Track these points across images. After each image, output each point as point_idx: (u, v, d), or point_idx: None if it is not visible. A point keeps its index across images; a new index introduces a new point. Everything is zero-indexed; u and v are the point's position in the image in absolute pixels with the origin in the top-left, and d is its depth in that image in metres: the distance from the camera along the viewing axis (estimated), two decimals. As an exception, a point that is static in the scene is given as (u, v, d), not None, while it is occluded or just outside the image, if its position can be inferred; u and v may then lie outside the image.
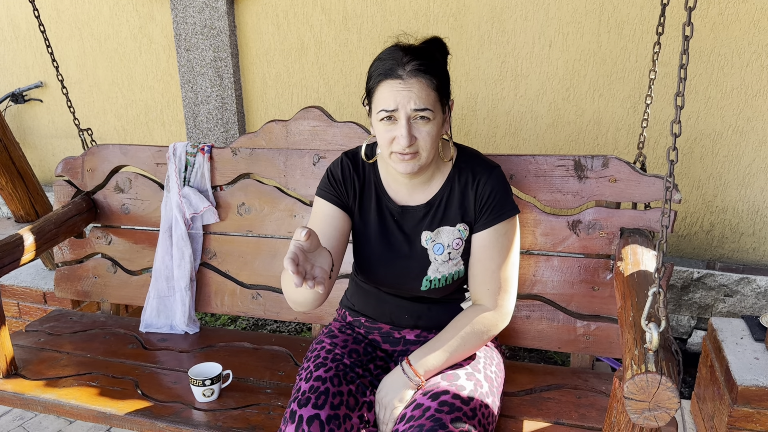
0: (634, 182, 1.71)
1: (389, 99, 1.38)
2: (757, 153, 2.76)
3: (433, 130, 1.41)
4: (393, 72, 1.38)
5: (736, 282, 2.72)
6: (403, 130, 1.38)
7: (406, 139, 1.38)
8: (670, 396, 1.06)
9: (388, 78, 1.38)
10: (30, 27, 4.06)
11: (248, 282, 2.14)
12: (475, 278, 1.56)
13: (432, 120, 1.40)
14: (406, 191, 1.57)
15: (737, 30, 2.64)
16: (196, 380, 1.72)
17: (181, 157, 2.13)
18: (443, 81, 1.44)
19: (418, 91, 1.37)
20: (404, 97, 1.37)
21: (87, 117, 4.09)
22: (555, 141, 3.07)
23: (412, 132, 1.39)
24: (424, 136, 1.40)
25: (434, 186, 1.56)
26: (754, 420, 1.95)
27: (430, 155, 1.44)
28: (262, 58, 3.52)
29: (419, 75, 1.38)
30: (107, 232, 2.29)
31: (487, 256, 1.53)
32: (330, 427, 1.36)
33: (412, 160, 1.43)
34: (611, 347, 1.79)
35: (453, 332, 1.51)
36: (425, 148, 1.42)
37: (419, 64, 1.38)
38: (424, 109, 1.38)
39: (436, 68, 1.41)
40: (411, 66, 1.38)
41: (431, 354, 1.48)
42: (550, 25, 2.92)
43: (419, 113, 1.38)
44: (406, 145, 1.39)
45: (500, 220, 1.52)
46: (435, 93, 1.40)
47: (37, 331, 2.22)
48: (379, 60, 1.42)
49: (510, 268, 1.55)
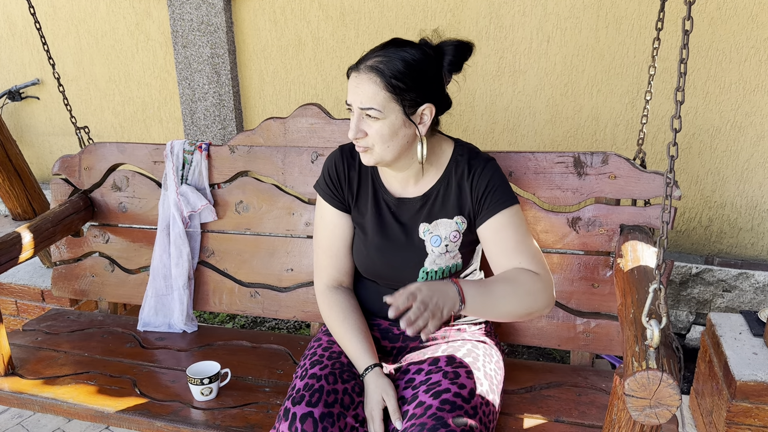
0: (634, 179, 1.71)
1: (349, 91, 1.45)
2: (755, 148, 2.75)
3: (384, 129, 1.42)
4: (357, 64, 1.44)
5: (734, 277, 2.72)
6: (353, 123, 1.45)
7: (352, 131, 1.45)
8: (672, 393, 1.05)
9: (352, 70, 1.45)
10: (26, 24, 4.04)
11: (246, 280, 2.13)
12: (500, 261, 1.50)
13: (381, 119, 1.41)
14: (400, 183, 1.59)
15: (735, 25, 2.64)
16: (194, 379, 1.72)
17: (179, 155, 2.12)
18: (405, 83, 1.39)
19: (366, 88, 1.41)
20: (354, 93, 1.43)
21: (84, 114, 4.08)
22: (553, 137, 3.07)
23: (360, 126, 1.44)
24: (372, 133, 1.44)
25: (430, 178, 1.57)
26: (752, 415, 1.95)
27: (387, 153, 1.46)
28: (260, 55, 3.51)
29: (372, 72, 1.40)
30: (104, 230, 2.28)
31: (503, 237, 1.50)
32: (323, 424, 1.36)
33: (366, 154, 1.48)
34: (611, 344, 1.79)
35: (499, 277, 1.46)
36: (375, 144, 1.45)
37: (379, 62, 1.40)
38: (369, 108, 1.41)
39: (395, 69, 1.39)
40: (371, 62, 1.41)
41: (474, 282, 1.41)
42: (548, 20, 2.91)
43: (365, 111, 1.42)
44: (352, 137, 1.45)
45: (503, 207, 1.51)
46: (385, 93, 1.39)
47: (34, 330, 2.21)
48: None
49: (530, 243, 1.51)
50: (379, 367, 1.50)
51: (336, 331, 1.60)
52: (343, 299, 1.64)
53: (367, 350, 1.54)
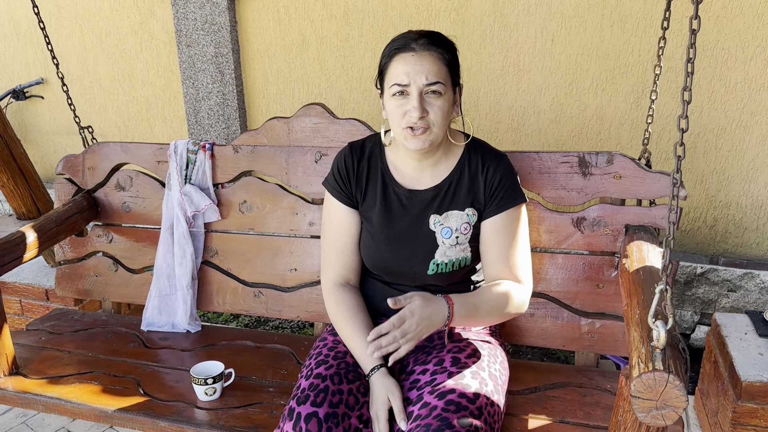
0: (639, 179, 1.70)
1: (401, 73, 1.43)
2: (761, 147, 2.74)
3: (445, 105, 1.46)
4: (406, 46, 1.44)
5: (739, 277, 2.71)
6: (416, 102, 1.42)
7: (417, 110, 1.42)
8: (678, 394, 1.05)
9: (401, 51, 1.44)
10: (30, 23, 4.04)
11: (250, 280, 2.13)
12: (491, 263, 1.57)
13: (443, 95, 1.45)
14: (414, 174, 1.60)
15: (741, 23, 2.62)
16: (198, 379, 1.72)
17: (183, 155, 2.12)
18: (454, 58, 1.49)
19: (430, 64, 1.42)
20: (417, 71, 1.42)
21: (88, 114, 4.08)
22: (557, 136, 3.06)
23: (423, 105, 1.43)
24: (435, 111, 1.44)
25: (443, 170, 1.59)
26: (758, 416, 1.94)
27: (441, 131, 1.48)
28: (264, 54, 3.51)
29: (431, 48, 1.43)
30: (108, 230, 2.28)
31: (500, 241, 1.55)
32: (328, 425, 1.35)
33: (423, 134, 1.46)
34: (616, 345, 1.78)
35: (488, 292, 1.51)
36: (436, 122, 1.45)
37: (431, 39, 1.45)
38: (436, 82, 1.43)
39: (447, 44, 1.47)
40: (423, 41, 1.44)
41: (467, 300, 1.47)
42: (552, 19, 2.90)
43: (431, 87, 1.43)
44: (417, 117, 1.43)
45: (511, 206, 1.56)
46: (446, 68, 1.45)
47: (38, 330, 2.21)
48: (392, 41, 1.49)
49: (524, 249, 1.58)
50: (384, 368, 1.50)
51: (342, 330, 1.61)
52: (350, 297, 1.64)
53: None
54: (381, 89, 1.53)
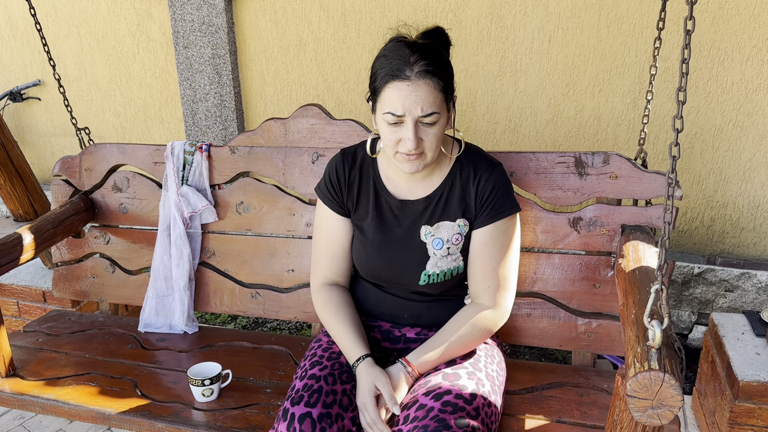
0: (636, 179, 1.70)
1: (396, 103, 1.36)
2: (757, 148, 2.74)
3: (439, 131, 1.42)
4: (401, 72, 1.35)
5: (736, 277, 2.72)
6: (410, 133, 1.37)
7: (413, 142, 1.38)
8: (674, 394, 1.05)
9: (395, 79, 1.35)
10: (27, 25, 4.04)
11: (247, 281, 2.13)
12: (474, 276, 1.56)
13: (438, 122, 1.40)
14: (406, 185, 1.58)
15: (737, 24, 2.63)
16: (195, 380, 1.72)
17: (179, 156, 2.12)
18: (449, 80, 1.42)
19: (426, 94, 1.35)
20: (412, 102, 1.35)
21: (85, 115, 4.08)
22: (555, 137, 3.06)
23: (418, 135, 1.38)
24: (430, 138, 1.40)
25: (435, 180, 1.57)
26: (755, 415, 1.94)
27: (435, 154, 1.45)
28: (261, 55, 3.51)
29: (427, 77, 1.35)
30: (105, 231, 2.28)
31: (487, 253, 1.53)
32: (321, 425, 1.36)
33: (417, 160, 1.43)
34: (612, 345, 1.78)
35: (452, 330, 1.52)
36: (430, 148, 1.42)
37: (427, 64, 1.35)
38: (431, 113, 1.37)
39: (442, 67, 1.39)
40: (418, 67, 1.35)
41: (430, 352, 1.50)
42: (549, 20, 2.90)
43: (426, 118, 1.37)
44: (412, 148, 1.39)
45: (501, 217, 1.53)
46: (441, 94, 1.38)
47: (35, 332, 2.21)
48: (384, 57, 1.39)
49: (510, 266, 1.55)
50: (371, 357, 1.50)
51: (329, 325, 1.61)
52: (336, 295, 1.64)
53: (358, 342, 1.54)
54: (373, 106, 1.46)
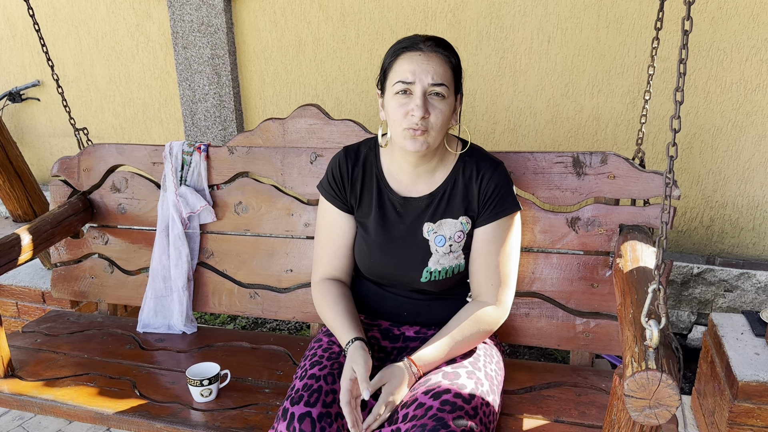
0: (633, 178, 1.70)
1: (407, 70, 1.42)
2: (756, 148, 2.74)
3: (446, 110, 1.44)
4: (414, 46, 1.43)
5: (736, 277, 2.72)
6: (419, 101, 1.41)
7: (420, 109, 1.40)
8: (671, 393, 1.05)
9: (409, 50, 1.43)
10: (26, 25, 4.05)
11: (246, 281, 2.13)
12: (477, 273, 1.57)
13: (446, 98, 1.44)
14: (409, 181, 1.58)
15: (736, 24, 2.63)
16: (193, 380, 1.72)
17: (178, 156, 2.12)
18: (459, 64, 1.49)
19: (436, 65, 1.42)
20: (423, 69, 1.41)
21: (84, 116, 4.08)
22: (554, 137, 3.06)
23: (426, 106, 1.42)
24: (436, 113, 1.43)
25: (438, 177, 1.58)
26: (754, 415, 1.94)
27: (439, 136, 1.47)
28: (260, 56, 3.51)
29: (438, 50, 1.43)
30: (104, 232, 2.28)
31: (489, 250, 1.54)
32: (321, 425, 1.36)
33: (422, 136, 1.44)
34: (611, 344, 1.78)
35: (456, 329, 1.52)
36: (435, 126, 1.44)
37: (439, 43, 1.45)
38: (441, 84, 1.41)
39: (453, 52, 1.47)
40: (430, 43, 1.44)
41: (435, 353, 1.49)
42: (548, 20, 2.90)
43: (435, 88, 1.41)
44: (420, 117, 1.41)
45: (503, 216, 1.54)
46: (451, 72, 1.45)
47: (34, 332, 2.21)
48: (398, 42, 1.48)
49: (511, 263, 1.56)
50: (360, 341, 1.49)
51: (325, 315, 1.62)
52: (335, 288, 1.65)
53: (351, 327, 1.53)
54: (382, 89, 1.51)
